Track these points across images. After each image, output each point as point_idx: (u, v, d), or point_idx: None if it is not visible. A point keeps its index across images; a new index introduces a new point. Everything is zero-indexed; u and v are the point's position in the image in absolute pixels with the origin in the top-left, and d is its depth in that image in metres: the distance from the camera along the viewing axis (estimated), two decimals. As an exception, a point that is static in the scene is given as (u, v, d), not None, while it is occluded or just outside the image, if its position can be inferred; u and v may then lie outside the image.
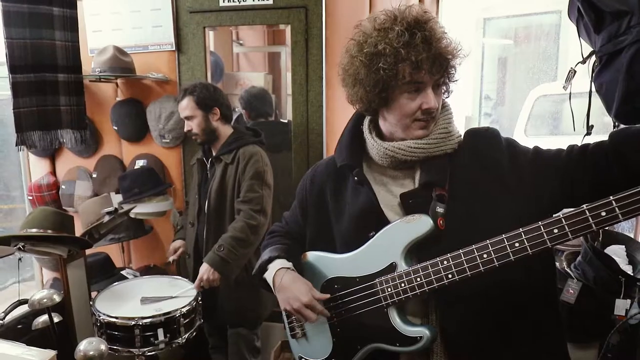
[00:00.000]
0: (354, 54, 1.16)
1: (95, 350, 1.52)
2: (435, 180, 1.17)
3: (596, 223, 0.95)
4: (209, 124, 2.35)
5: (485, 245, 1.05)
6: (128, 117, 2.87)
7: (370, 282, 1.21)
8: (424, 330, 1.14)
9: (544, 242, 1.00)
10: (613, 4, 1.90)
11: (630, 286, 1.90)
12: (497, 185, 1.13)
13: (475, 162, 1.17)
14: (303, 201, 1.43)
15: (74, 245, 2.09)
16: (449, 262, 1.09)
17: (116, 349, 1.98)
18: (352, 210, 1.26)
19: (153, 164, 2.86)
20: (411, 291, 1.14)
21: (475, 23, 7.00)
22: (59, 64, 2.43)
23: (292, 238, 1.47)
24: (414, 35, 1.09)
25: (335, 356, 1.30)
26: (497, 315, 1.13)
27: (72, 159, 3.05)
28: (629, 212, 0.92)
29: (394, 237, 1.18)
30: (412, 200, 1.18)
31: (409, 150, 1.18)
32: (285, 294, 1.29)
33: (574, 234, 0.97)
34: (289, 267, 1.35)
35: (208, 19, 2.77)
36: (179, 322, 2.03)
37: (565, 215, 0.98)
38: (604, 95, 2.05)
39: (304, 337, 1.38)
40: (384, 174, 1.26)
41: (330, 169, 1.36)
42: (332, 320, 1.30)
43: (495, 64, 7.50)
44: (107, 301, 2.13)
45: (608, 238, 2.11)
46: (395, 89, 1.14)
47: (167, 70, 2.83)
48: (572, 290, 1.92)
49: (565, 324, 1.97)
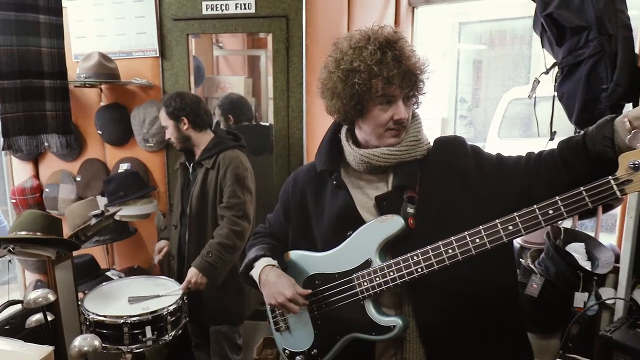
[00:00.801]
0: (331, 70, 1.28)
1: (89, 346, 1.60)
2: (407, 183, 1.29)
3: (544, 220, 1.09)
4: (180, 133, 2.46)
5: (450, 241, 1.18)
6: (112, 122, 2.93)
7: (348, 278, 1.32)
8: (397, 319, 1.26)
9: (500, 238, 1.13)
10: (573, 19, 2.06)
11: (588, 280, 2.05)
12: (463, 188, 1.26)
13: (443, 167, 1.30)
14: (285, 204, 1.53)
15: (62, 247, 2.15)
16: (418, 257, 1.22)
17: (105, 347, 2.04)
18: (331, 212, 1.37)
19: (137, 168, 2.92)
20: (385, 284, 1.26)
21: (451, 27, 7.15)
22: (45, 70, 2.48)
23: (276, 239, 1.58)
24: (385, 53, 1.21)
25: (316, 347, 1.41)
26: (464, 305, 1.25)
27: (56, 162, 3.09)
28: (571, 210, 1.06)
29: (369, 236, 1.29)
30: (386, 202, 1.30)
31: (383, 157, 1.29)
32: (270, 289, 1.39)
33: (526, 230, 1.11)
34: (274, 264, 1.45)
35: (191, 27, 2.85)
36: (166, 320, 2.11)
37: (519, 213, 1.11)
38: (566, 103, 2.21)
39: (287, 330, 1.48)
40: (360, 178, 1.38)
41: (311, 174, 1.48)
42: (313, 313, 1.41)
43: (470, 67, 7.69)
44: (95, 301, 2.20)
45: (569, 236, 2.26)
46: (369, 102, 1.25)
47: (151, 76, 2.90)
48: (536, 285, 2.07)
49: (529, 316, 2.12)
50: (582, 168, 1.14)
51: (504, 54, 7.21)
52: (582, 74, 2.07)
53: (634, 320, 1.89)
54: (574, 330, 2.07)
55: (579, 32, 2.06)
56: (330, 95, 1.30)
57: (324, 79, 1.31)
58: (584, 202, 1.05)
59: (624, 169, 1.01)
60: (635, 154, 1.00)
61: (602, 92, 2.00)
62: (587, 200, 1.04)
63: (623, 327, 1.85)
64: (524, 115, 5.81)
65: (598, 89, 2.01)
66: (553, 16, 2.10)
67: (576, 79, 2.10)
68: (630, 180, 1.01)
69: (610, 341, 1.78)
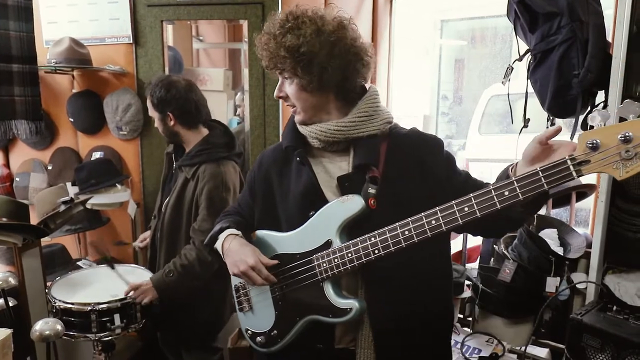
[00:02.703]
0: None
1: (51, 330, 1.56)
2: (367, 161, 1.27)
3: (500, 201, 1.06)
4: (167, 127, 2.18)
5: (407, 222, 1.17)
6: (84, 109, 2.87)
7: (309, 258, 1.30)
8: (354, 302, 1.25)
9: (456, 219, 1.11)
10: (545, 5, 2.07)
11: (560, 265, 2.07)
12: (427, 186, 1.27)
13: (415, 160, 1.29)
14: (251, 183, 1.53)
15: (29, 233, 2.10)
16: (375, 238, 1.20)
17: (72, 335, 2.00)
18: (296, 189, 1.36)
19: (110, 156, 2.88)
20: (343, 266, 1.24)
21: (433, 25, 7.20)
22: (13, 54, 2.41)
23: (244, 218, 1.56)
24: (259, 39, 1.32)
25: (276, 328, 1.39)
26: (409, 292, 1.27)
27: (27, 151, 3.03)
28: (527, 191, 1.03)
29: (331, 216, 1.28)
30: (348, 183, 1.29)
31: (329, 132, 1.30)
32: (232, 257, 1.37)
33: (481, 212, 1.08)
34: (237, 234, 1.44)
35: (166, 13, 2.80)
36: (135, 307, 2.07)
37: (475, 194, 1.09)
38: (538, 90, 2.22)
39: (250, 310, 1.47)
40: (322, 155, 1.37)
41: (277, 153, 1.47)
42: (275, 294, 1.39)
43: (452, 64, 7.74)
44: (62, 289, 2.15)
45: (542, 222, 2.28)
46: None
47: (125, 63, 2.85)
48: (508, 270, 2.07)
49: (502, 301, 2.12)
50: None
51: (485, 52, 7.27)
52: (554, 60, 2.08)
53: (604, 303, 1.90)
54: (547, 316, 2.08)
55: (551, 19, 2.07)
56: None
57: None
58: (540, 183, 1.01)
59: (581, 148, 0.97)
60: (593, 133, 0.96)
61: (573, 78, 2.01)
62: (543, 182, 1.01)
63: (594, 310, 1.86)
64: (504, 111, 5.86)
65: (570, 75, 2.02)
66: (525, 2, 2.11)
67: (548, 65, 2.11)
68: (588, 160, 0.97)
69: (581, 324, 1.79)
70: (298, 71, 1.25)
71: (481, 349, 2.09)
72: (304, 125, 1.35)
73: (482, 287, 2.13)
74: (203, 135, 2.21)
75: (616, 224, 1.95)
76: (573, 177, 0.99)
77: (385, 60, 3.42)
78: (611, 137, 0.94)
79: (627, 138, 0.92)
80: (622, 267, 1.99)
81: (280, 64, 1.26)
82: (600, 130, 0.96)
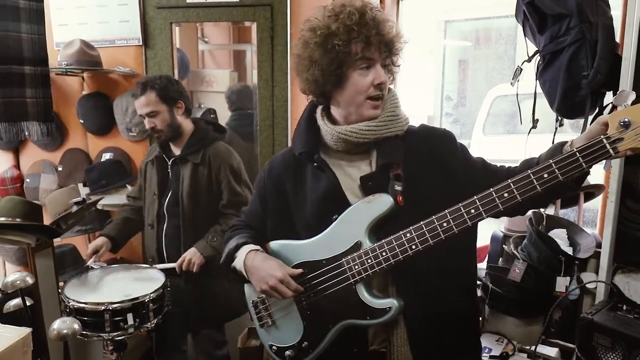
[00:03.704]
0: (308, 39, 1.25)
1: (69, 329, 1.57)
2: (392, 161, 1.27)
3: (540, 184, 1.09)
4: (174, 119, 2.24)
5: (444, 214, 1.16)
6: (94, 111, 2.90)
7: (337, 262, 1.27)
8: (393, 301, 1.23)
9: (496, 206, 1.13)
10: (554, 7, 2.08)
11: (570, 265, 2.07)
12: (448, 181, 1.27)
13: (431, 157, 1.30)
14: (262, 193, 1.48)
15: (42, 234, 2.12)
16: (411, 234, 1.19)
17: (86, 334, 2.01)
18: (314, 195, 1.33)
19: (120, 157, 2.90)
20: (378, 265, 1.22)
21: (437, 25, 7.20)
22: (25, 56, 2.44)
23: (254, 230, 1.51)
24: (363, 14, 1.20)
25: (307, 339, 1.35)
26: (439, 286, 1.26)
27: (37, 152, 3.05)
28: (566, 172, 1.07)
29: (357, 217, 1.26)
30: (371, 182, 1.27)
31: (361, 133, 1.26)
32: (259, 273, 1.33)
33: (521, 195, 1.11)
34: (258, 249, 1.40)
35: (175, 15, 2.83)
36: (148, 307, 2.08)
37: (513, 180, 1.11)
38: (547, 91, 2.23)
39: (273, 325, 1.41)
40: (341, 159, 1.34)
41: (288, 159, 1.43)
42: (301, 304, 1.34)
43: (456, 65, 7.75)
44: (75, 288, 2.17)
45: (551, 222, 2.28)
46: (349, 67, 1.23)
47: (134, 65, 2.87)
48: (518, 270, 2.08)
49: (512, 301, 2.13)
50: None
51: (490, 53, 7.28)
52: (563, 62, 2.09)
53: (614, 303, 1.91)
54: (556, 315, 2.09)
55: (560, 20, 2.08)
56: (307, 64, 1.26)
57: (299, 50, 1.28)
58: (579, 163, 1.05)
59: (614, 127, 1.02)
60: (624, 112, 1.01)
61: (582, 79, 2.02)
62: (582, 161, 1.05)
63: (604, 309, 1.87)
64: (509, 112, 5.87)
65: (579, 76, 2.03)
66: (535, 4, 2.12)
67: (557, 66, 2.12)
68: (622, 138, 1.02)
69: (592, 323, 1.79)
70: (398, 60, 1.29)
71: (491, 348, 2.09)
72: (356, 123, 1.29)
73: (492, 287, 2.13)
74: (191, 126, 2.33)
75: (626, 224, 1.96)
76: (610, 155, 1.03)
77: (392, 61, 3.44)
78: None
79: None
80: (631, 266, 2.00)
81: (397, 48, 1.27)
82: (630, 109, 1.02)
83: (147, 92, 2.20)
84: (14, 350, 1.33)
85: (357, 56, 1.21)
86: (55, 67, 2.70)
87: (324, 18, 1.23)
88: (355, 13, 1.19)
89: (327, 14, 1.23)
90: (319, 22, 1.23)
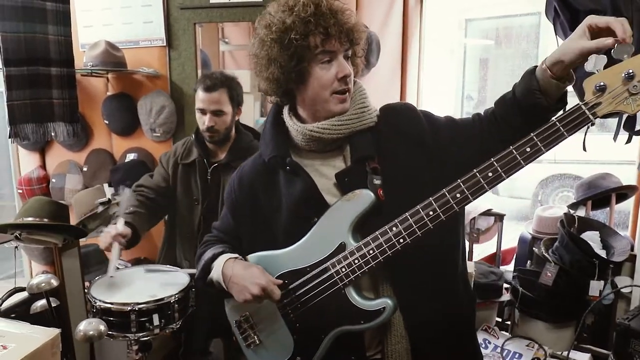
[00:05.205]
0: (263, 37, 1.18)
1: (95, 330, 1.57)
2: (367, 154, 1.21)
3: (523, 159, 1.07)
4: (232, 124, 2.16)
5: (429, 202, 1.11)
6: (119, 111, 2.91)
7: (322, 267, 1.21)
8: (385, 300, 1.17)
9: (482, 187, 1.09)
10: (587, 3, 2.02)
11: (603, 269, 2.02)
12: (422, 155, 1.22)
13: (399, 136, 1.24)
14: (233, 204, 1.41)
15: (69, 234, 2.13)
16: (397, 227, 1.13)
17: (112, 334, 2.02)
18: (290, 200, 1.27)
19: (144, 158, 2.90)
20: (366, 265, 1.16)
21: (458, 24, 7.14)
22: (51, 57, 2.46)
23: (227, 244, 1.43)
24: (319, 5, 1.14)
25: (299, 353, 1.28)
26: (435, 276, 1.22)
27: (62, 152, 3.08)
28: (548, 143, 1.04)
29: (338, 217, 1.19)
30: (348, 178, 1.22)
31: (334, 128, 1.20)
32: (242, 282, 1.25)
33: (506, 173, 1.08)
34: (237, 256, 1.32)
35: (198, 15, 2.82)
36: (174, 307, 2.08)
37: (495, 158, 1.08)
38: (579, 88, 2.17)
39: (260, 344, 1.34)
40: (313, 159, 1.28)
41: (257, 166, 1.36)
42: (288, 317, 1.28)
43: (477, 64, 7.66)
44: (101, 288, 2.17)
45: (583, 225, 2.22)
46: (310, 61, 1.16)
47: (158, 66, 2.88)
48: (550, 273, 2.03)
49: (543, 305, 2.08)
50: (521, 122, 1.13)
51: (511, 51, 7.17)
52: (596, 59, 2.04)
53: (651, 308, 1.85)
54: (589, 320, 2.04)
55: (594, 16, 2.03)
56: (266, 64, 1.19)
57: (256, 50, 1.21)
58: (560, 133, 1.03)
59: (590, 92, 1.02)
60: (598, 77, 1.01)
61: (617, 77, 1.96)
62: (563, 130, 1.03)
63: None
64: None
65: (613, 73, 1.97)
66: (567, 0, 2.06)
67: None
68: (599, 102, 1.02)
69: (629, 329, 1.74)
70: (362, 49, 1.22)
71: (522, 354, 2.05)
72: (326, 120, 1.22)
73: (523, 291, 2.09)
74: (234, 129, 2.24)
75: (663, 226, 1.90)
76: (591, 120, 1.03)
77: (415, 60, 3.39)
78: (615, 78, 1.00)
79: (630, 75, 0.98)
80: (668, 270, 1.94)
81: (358, 37, 1.20)
82: (603, 73, 1.01)
83: (219, 89, 2.10)
84: (43, 351, 1.33)
85: (317, 49, 1.15)
86: (81, 68, 2.71)
87: (278, 13, 1.16)
88: (310, 4, 1.13)
89: (280, 9, 1.16)
90: (273, 18, 1.16)
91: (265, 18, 1.19)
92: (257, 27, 1.21)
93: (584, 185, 2.48)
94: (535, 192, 5.89)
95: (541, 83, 1.09)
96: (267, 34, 1.17)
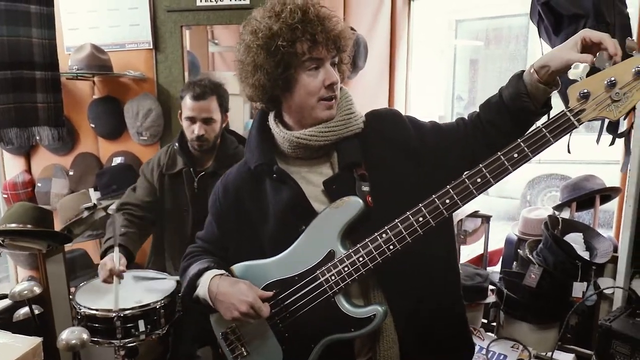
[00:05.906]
0: (249, 43, 1.16)
1: (77, 339, 1.57)
2: (354, 160, 1.21)
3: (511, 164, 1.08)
4: (221, 131, 2.12)
5: (418, 209, 1.12)
6: (105, 115, 2.89)
7: (312, 276, 1.20)
8: (376, 307, 1.16)
9: (470, 193, 1.10)
10: (570, 7, 2.04)
11: (586, 270, 2.04)
12: (407, 160, 1.23)
13: (385, 142, 1.24)
14: (218, 215, 1.40)
15: (53, 240, 2.13)
16: (387, 234, 1.13)
17: (97, 341, 2.00)
18: (277, 208, 1.25)
19: (131, 162, 2.89)
20: (356, 272, 1.16)
21: (448, 25, 7.16)
22: (35, 61, 2.43)
23: (213, 255, 1.42)
24: (306, 12, 1.13)
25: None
26: (425, 282, 1.22)
27: (48, 156, 3.05)
28: (535, 149, 1.07)
29: (327, 225, 1.19)
30: (336, 185, 1.21)
31: (322, 135, 1.19)
32: (228, 300, 1.24)
33: (494, 179, 1.09)
34: (223, 273, 1.30)
35: (185, 18, 2.81)
36: (160, 313, 2.07)
37: (484, 163, 1.09)
38: (562, 92, 2.18)
39: (248, 356, 1.32)
40: (300, 166, 1.27)
41: (243, 174, 1.35)
42: (277, 327, 1.26)
43: (467, 65, 7.70)
44: (86, 295, 2.16)
45: (567, 227, 2.24)
46: (296, 69, 1.15)
47: (145, 69, 2.86)
48: (534, 275, 2.04)
49: (528, 307, 2.10)
50: (508, 126, 1.16)
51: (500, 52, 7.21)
52: (579, 63, 2.05)
53: (633, 309, 1.87)
54: (573, 321, 2.06)
55: (576, 21, 2.05)
56: (251, 70, 1.17)
57: (242, 56, 1.19)
58: (547, 139, 1.05)
59: (574, 99, 1.04)
60: (582, 84, 1.03)
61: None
62: (549, 137, 1.05)
63: (622, 316, 1.83)
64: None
65: (595, 77, 1.99)
66: (550, 4, 2.09)
67: (573, 67, 2.09)
68: (583, 109, 1.04)
69: (610, 330, 1.76)
70: (348, 56, 1.22)
71: (507, 355, 2.06)
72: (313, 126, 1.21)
73: (507, 292, 2.10)
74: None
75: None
76: (575, 126, 1.05)
77: (403, 62, 3.40)
78: (598, 85, 1.03)
79: (612, 82, 1.01)
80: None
81: (345, 45, 1.19)
82: (586, 81, 1.03)
83: (209, 97, 2.06)
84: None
85: (304, 56, 1.14)
86: (66, 72, 2.69)
87: (265, 19, 1.15)
88: (297, 11, 1.12)
89: (267, 14, 1.15)
90: (259, 24, 1.15)
91: (251, 24, 1.18)
92: (243, 32, 1.19)
93: (568, 187, 2.50)
94: (523, 193, 5.93)
95: (529, 87, 1.12)
96: (253, 40, 1.15)
